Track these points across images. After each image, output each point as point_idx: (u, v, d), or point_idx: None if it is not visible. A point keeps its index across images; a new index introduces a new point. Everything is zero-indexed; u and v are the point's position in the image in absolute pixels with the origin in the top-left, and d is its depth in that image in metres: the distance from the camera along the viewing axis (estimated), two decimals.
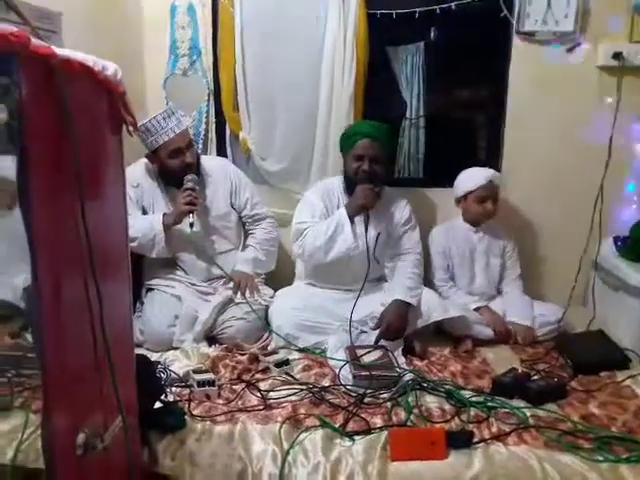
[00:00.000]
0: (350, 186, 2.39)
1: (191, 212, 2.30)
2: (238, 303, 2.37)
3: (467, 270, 2.58)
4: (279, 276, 2.60)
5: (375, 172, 2.33)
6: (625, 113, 2.57)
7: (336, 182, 2.50)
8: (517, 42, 2.62)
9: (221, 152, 2.87)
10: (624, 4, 2.52)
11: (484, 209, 2.50)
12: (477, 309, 2.44)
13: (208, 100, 2.80)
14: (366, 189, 2.29)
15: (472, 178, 2.52)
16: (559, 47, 2.60)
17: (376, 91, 2.77)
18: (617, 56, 2.52)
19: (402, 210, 2.48)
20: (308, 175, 2.77)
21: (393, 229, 2.45)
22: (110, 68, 1.15)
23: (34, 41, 0.91)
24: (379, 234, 2.39)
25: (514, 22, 2.57)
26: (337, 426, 1.68)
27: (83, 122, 1.04)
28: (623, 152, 2.60)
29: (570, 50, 2.60)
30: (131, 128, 1.27)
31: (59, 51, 0.98)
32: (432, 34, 2.93)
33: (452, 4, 2.54)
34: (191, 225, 2.30)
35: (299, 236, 2.41)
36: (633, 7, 2.51)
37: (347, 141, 2.41)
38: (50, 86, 0.95)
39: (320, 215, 2.42)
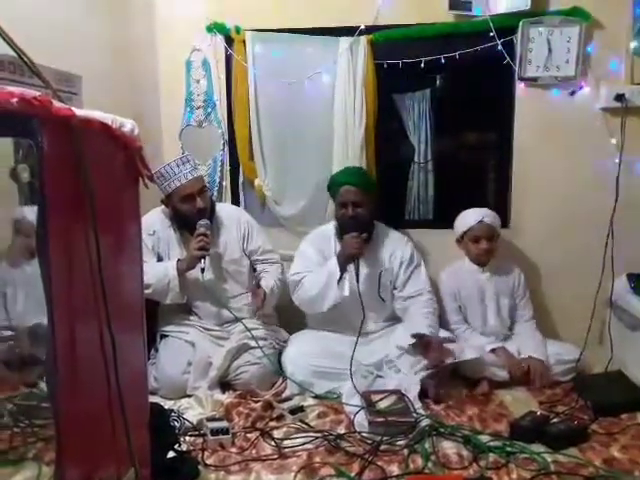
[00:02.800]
0: (340, 231, 2.49)
1: (203, 257, 2.34)
2: (252, 348, 2.37)
3: (478, 311, 2.56)
4: (292, 320, 2.60)
5: (358, 216, 2.41)
6: (630, 152, 2.60)
7: (330, 227, 2.57)
8: (520, 87, 2.69)
9: (235, 199, 2.95)
10: (623, 47, 2.59)
11: (478, 249, 2.52)
12: (493, 350, 2.41)
13: (223, 149, 2.90)
14: (352, 238, 2.36)
15: (464, 219, 2.57)
16: (561, 91, 2.67)
17: (385, 137, 2.85)
18: (620, 98, 2.56)
19: (403, 248, 2.51)
20: (324, 217, 2.81)
21: (397, 268, 2.47)
22: (127, 125, 1.20)
23: (55, 103, 0.97)
24: (381, 272, 2.44)
25: (516, 69, 2.65)
26: (353, 475, 1.65)
27: (101, 175, 1.09)
28: (630, 190, 2.60)
29: (572, 94, 2.66)
30: (147, 180, 1.31)
31: (79, 112, 1.03)
32: (438, 82, 3.02)
33: (456, 53, 2.62)
34: (202, 270, 2.34)
35: (295, 287, 2.48)
36: (633, 50, 2.57)
37: (332, 190, 2.53)
38: (70, 144, 1.00)
39: (316, 264, 2.47)
